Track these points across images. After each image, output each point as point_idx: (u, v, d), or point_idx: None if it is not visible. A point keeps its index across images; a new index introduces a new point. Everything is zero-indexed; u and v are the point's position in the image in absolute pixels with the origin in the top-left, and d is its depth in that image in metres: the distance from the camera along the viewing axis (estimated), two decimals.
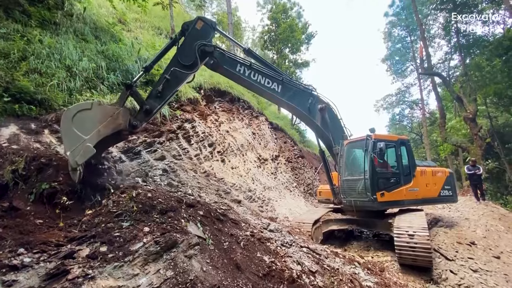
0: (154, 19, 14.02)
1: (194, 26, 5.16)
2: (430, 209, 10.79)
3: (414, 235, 5.77)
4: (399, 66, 39.25)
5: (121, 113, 4.35)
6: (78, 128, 3.86)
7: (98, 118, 4.09)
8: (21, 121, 4.67)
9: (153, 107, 4.80)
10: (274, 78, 6.44)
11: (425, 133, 32.43)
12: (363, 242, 8.00)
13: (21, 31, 5.91)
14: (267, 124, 15.32)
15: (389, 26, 37.71)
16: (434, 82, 24.78)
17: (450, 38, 24.90)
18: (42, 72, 5.52)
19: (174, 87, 5.03)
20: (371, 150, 6.89)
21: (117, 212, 3.70)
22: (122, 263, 2.87)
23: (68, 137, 3.82)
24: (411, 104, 40.54)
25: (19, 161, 3.73)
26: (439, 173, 8.39)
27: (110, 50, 7.47)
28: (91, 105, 4.00)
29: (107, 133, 4.23)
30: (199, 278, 3.18)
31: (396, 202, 7.28)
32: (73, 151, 3.80)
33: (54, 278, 2.49)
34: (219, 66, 5.69)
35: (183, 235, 3.60)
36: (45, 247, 2.77)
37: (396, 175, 7.42)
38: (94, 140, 4.04)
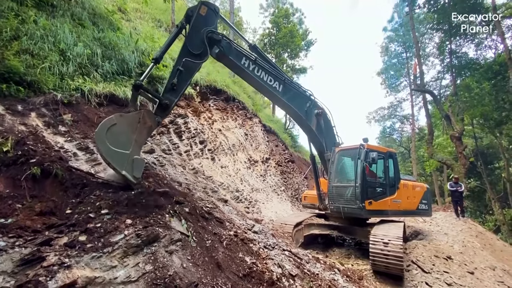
0: (155, 11, 13.89)
1: (199, 12, 5.10)
2: (412, 222, 11.06)
3: (389, 243, 5.92)
4: (393, 80, 40.15)
5: (146, 116, 4.31)
6: (116, 145, 3.81)
7: (128, 128, 4.04)
8: (7, 102, 4.52)
9: (171, 101, 4.75)
10: (277, 77, 6.51)
11: (413, 148, 33.21)
12: (345, 250, 8.11)
13: (16, 10, 5.75)
14: (260, 126, 15.36)
15: (386, 41, 38.59)
16: (425, 99, 25.45)
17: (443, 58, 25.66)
18: (34, 53, 5.38)
19: (188, 78, 5.02)
20: (364, 159, 7.03)
21: (99, 202, 3.65)
22: (101, 254, 2.83)
23: (114, 159, 3.78)
24: (402, 118, 41.51)
25: (4, 143, 3.61)
26: (418, 187, 8.74)
27: (107, 38, 7.34)
28: (114, 120, 3.87)
29: (144, 139, 4.33)
30: (178, 274, 3.16)
31: (381, 212, 7.47)
32: (127, 169, 3.86)
33: (29, 264, 2.43)
34: (225, 56, 5.64)
35: (165, 230, 3.58)
36: (22, 232, 2.70)
37: (383, 186, 7.62)
38: (138, 150, 4.15)
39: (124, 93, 6.61)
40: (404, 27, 33.79)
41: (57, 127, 4.92)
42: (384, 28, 38.24)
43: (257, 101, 20.40)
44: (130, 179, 3.93)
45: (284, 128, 24.22)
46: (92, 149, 5.18)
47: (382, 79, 41.03)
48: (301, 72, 28.90)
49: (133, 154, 4.01)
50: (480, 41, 23.61)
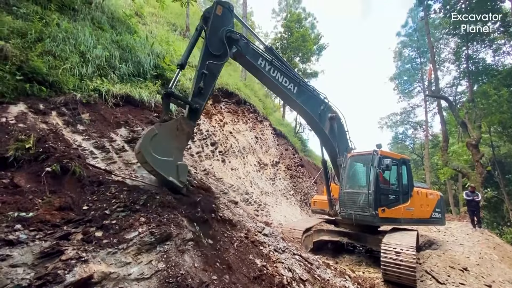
0: (170, 15, 14.21)
1: (215, 13, 5.14)
2: (425, 231, 10.75)
3: (401, 252, 5.76)
4: (406, 86, 39.43)
5: (183, 122, 4.44)
6: (160, 154, 3.99)
7: (168, 137, 4.20)
8: (30, 101, 4.72)
9: (200, 104, 4.82)
10: (292, 79, 6.53)
11: (427, 155, 32.38)
12: (355, 257, 7.95)
13: (40, 13, 6.01)
14: (271, 130, 15.36)
15: (400, 46, 38.03)
16: (440, 105, 24.85)
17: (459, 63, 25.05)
18: (56, 55, 5.59)
19: (213, 80, 5.09)
20: (377, 166, 6.91)
21: (115, 200, 3.73)
22: (116, 250, 2.88)
23: (161, 167, 3.99)
24: (415, 124, 40.60)
25: (27, 140, 3.76)
26: (431, 195, 8.51)
27: (124, 41, 7.56)
28: (155, 130, 4.04)
29: (184, 145, 4.51)
30: (190, 274, 3.18)
31: (394, 220, 7.30)
32: (173, 175, 4.10)
33: (48, 257, 2.51)
34: (242, 56, 5.68)
35: (178, 229, 3.62)
36: (42, 226, 2.79)
37: (396, 193, 7.46)
38: (181, 156, 4.36)
39: (139, 94, 6.77)
40: (418, 32, 33.27)
41: (75, 126, 5.08)
42: (397, 33, 37.74)
43: (268, 104, 20.45)
44: (177, 184, 4.15)
45: (294, 132, 24.13)
46: (108, 148, 5.33)
47: (395, 84, 40.39)
48: (312, 76, 28.80)
49: (177, 160, 4.21)
50: (498, 47, 22.95)
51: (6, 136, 3.83)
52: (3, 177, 3.40)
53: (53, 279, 2.34)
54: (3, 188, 3.30)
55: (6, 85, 4.39)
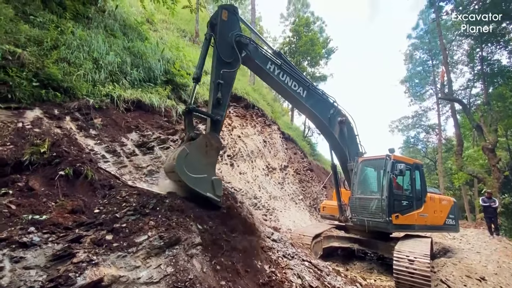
0: (180, 22, 14.48)
1: (221, 18, 5.11)
2: (440, 238, 10.40)
3: (415, 261, 5.57)
4: (418, 89, 38.67)
5: (210, 138, 4.53)
6: (195, 172, 4.13)
7: (199, 154, 4.30)
8: (45, 106, 4.87)
9: (221, 116, 4.82)
10: (301, 83, 6.50)
11: (440, 159, 31.51)
12: (367, 264, 7.76)
13: (56, 22, 6.23)
14: (279, 134, 15.31)
15: (411, 48, 37.44)
16: (453, 108, 24.20)
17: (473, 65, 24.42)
18: (70, 61, 5.77)
19: (229, 89, 5.08)
20: (390, 171, 6.75)
21: (126, 204, 3.78)
22: (126, 254, 2.90)
23: (198, 185, 4.13)
24: (427, 128, 39.66)
25: (41, 144, 3.86)
26: (444, 201, 8.25)
27: (136, 47, 7.74)
28: (186, 150, 4.15)
29: (215, 160, 4.60)
30: (198, 279, 3.17)
31: (408, 226, 7.10)
32: (209, 190, 4.24)
33: (60, 259, 2.55)
34: (251, 60, 5.65)
35: (187, 233, 3.62)
36: (55, 228, 2.84)
37: (410, 199, 7.27)
38: (213, 171, 4.47)
39: (150, 99, 6.89)
40: (430, 34, 32.68)
41: (88, 130, 5.20)
42: (408, 35, 37.20)
43: (276, 108, 20.43)
44: (214, 198, 4.28)
45: (303, 136, 23.97)
46: (119, 152, 5.42)
47: (406, 87, 39.68)
48: (321, 80, 28.65)
49: (210, 176, 4.33)
50: None
51: (22, 141, 3.96)
52: (18, 181, 3.50)
53: (64, 282, 2.37)
54: (18, 191, 3.40)
55: (23, 91, 4.55)
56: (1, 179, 3.43)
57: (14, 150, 3.74)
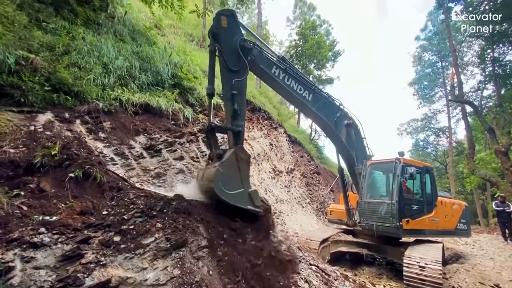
0: (187, 27, 14.69)
1: (221, 26, 5.04)
2: (452, 243, 10.13)
3: (426, 267, 5.42)
4: (427, 91, 38.06)
5: (238, 152, 4.59)
6: (231, 189, 4.27)
7: (233, 170, 4.41)
8: (56, 110, 4.99)
9: (241, 126, 4.85)
10: (306, 86, 6.45)
11: (451, 163, 30.83)
12: (375, 269, 7.60)
13: (68, 28, 6.40)
14: (285, 137, 15.27)
15: (419, 50, 36.96)
16: (464, 110, 23.71)
17: (484, 66, 23.92)
18: (81, 66, 5.90)
19: (243, 97, 5.09)
20: (400, 174, 6.63)
21: (133, 206, 3.81)
22: (133, 255, 2.93)
23: (237, 201, 4.32)
24: (437, 131, 38.90)
25: (53, 147, 3.95)
26: (455, 205, 8.05)
27: (144, 52, 7.87)
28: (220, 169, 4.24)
29: (248, 172, 4.69)
30: (204, 281, 3.16)
31: (419, 231, 6.95)
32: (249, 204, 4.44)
33: (69, 260, 2.58)
34: (256, 64, 5.61)
35: (193, 235, 3.62)
36: (64, 229, 2.89)
37: (420, 203, 7.11)
38: (248, 183, 4.60)
39: (158, 103, 6.97)
40: (439, 35, 32.23)
41: (97, 133, 5.30)
42: (416, 37, 36.77)
43: (282, 111, 20.42)
44: (254, 210, 4.46)
45: (310, 139, 23.85)
46: (127, 154, 5.49)
47: (415, 89, 39.12)
48: (327, 82, 28.55)
49: (247, 188, 4.48)
50: None
51: (34, 143, 4.06)
52: (30, 182, 3.58)
53: (73, 282, 2.40)
54: (30, 193, 3.48)
55: (35, 95, 4.67)
56: (14, 181, 3.52)
57: (26, 152, 3.84)
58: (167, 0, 8.45)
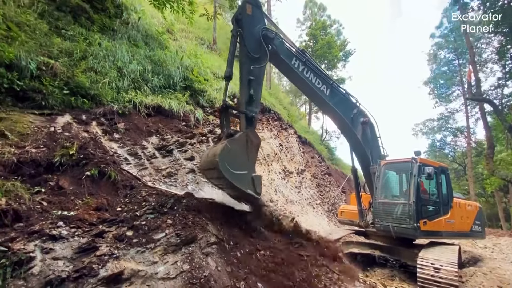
0: (198, 31, 14.98)
1: (246, 13, 5.07)
2: (469, 246, 9.76)
3: (441, 269, 5.27)
4: (443, 90, 36.78)
5: (250, 135, 4.51)
6: (235, 168, 4.08)
7: (239, 150, 4.27)
8: (74, 112, 5.25)
9: (255, 112, 4.77)
10: (325, 81, 6.40)
11: (470, 164, 29.61)
12: (388, 270, 7.44)
13: (85, 35, 6.72)
14: (296, 137, 15.22)
15: (435, 48, 35.85)
16: (483, 109, 22.77)
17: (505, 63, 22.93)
18: (97, 70, 6.19)
19: (260, 84, 5.05)
20: (417, 174, 6.49)
21: (145, 203, 3.96)
22: (144, 249, 3.05)
23: (238, 181, 4.10)
24: (455, 131, 37.47)
25: (71, 147, 4.17)
26: (469, 206, 7.77)
27: (156, 56, 8.13)
28: (228, 145, 4.13)
29: (255, 156, 4.62)
30: (213, 276, 3.24)
31: (436, 233, 6.76)
32: (250, 187, 4.22)
33: (85, 252, 2.73)
34: (276, 54, 5.58)
35: (202, 232, 3.72)
36: (81, 223, 3.05)
37: (437, 204, 6.92)
38: (254, 168, 4.45)
39: (170, 104, 7.17)
40: (455, 32, 31.19)
41: (112, 134, 5.52)
42: (431, 34, 35.70)
43: (293, 112, 20.38)
44: (254, 195, 4.26)
45: (321, 140, 23.64)
46: (140, 154, 5.68)
47: (430, 88, 37.90)
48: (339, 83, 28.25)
49: (251, 172, 4.32)
50: None
51: (53, 144, 4.29)
52: (50, 180, 3.79)
53: (88, 273, 2.54)
54: (49, 190, 3.69)
55: (55, 98, 4.94)
56: (35, 178, 3.74)
57: (46, 152, 4.07)
58: (178, 5, 8.68)
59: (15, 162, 3.67)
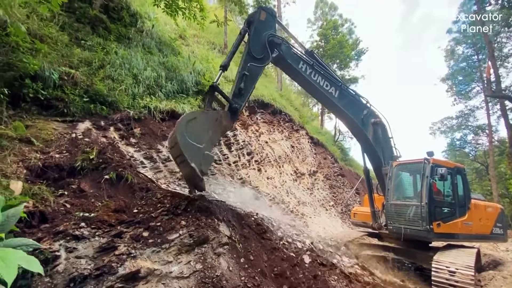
0: (209, 35, 15.27)
1: (259, 18, 5.30)
2: (490, 249, 9.39)
3: (456, 272, 5.13)
4: (462, 86, 35.41)
5: (223, 116, 4.60)
6: (192, 138, 3.95)
7: (206, 125, 4.24)
8: (93, 118, 5.54)
9: (239, 105, 4.92)
10: (333, 83, 6.42)
11: (492, 163, 28.32)
12: (402, 273, 7.30)
13: (102, 44, 7.06)
14: (307, 138, 15.17)
15: (452, 44, 34.63)
16: (504, 106, 21.77)
17: None
18: (114, 78, 6.49)
19: (253, 82, 5.21)
20: (430, 175, 6.37)
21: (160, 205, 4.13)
22: (159, 249, 3.21)
23: (188, 150, 3.89)
24: (475, 129, 35.94)
25: (91, 152, 4.42)
26: (489, 208, 7.47)
27: (169, 62, 8.40)
28: (196, 115, 4.15)
29: (218, 138, 4.60)
30: (224, 276, 3.36)
31: (451, 235, 6.58)
32: (197, 164, 3.96)
33: (105, 251, 2.92)
34: (283, 59, 5.74)
35: (214, 233, 3.85)
36: (101, 224, 3.25)
37: (452, 206, 6.74)
38: (210, 147, 4.34)
39: (183, 109, 7.39)
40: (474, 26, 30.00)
41: (129, 139, 5.78)
42: (448, 30, 34.52)
43: (305, 113, 20.28)
44: (197, 173, 3.97)
45: (334, 140, 23.37)
46: (156, 158, 5.90)
47: (448, 85, 36.58)
48: (351, 82, 27.79)
49: (205, 149, 4.12)
50: None
51: (75, 149, 4.56)
52: (72, 183, 4.05)
53: (108, 271, 2.72)
54: (72, 193, 3.93)
55: (76, 106, 5.24)
56: (59, 182, 4.00)
57: (69, 157, 4.34)
58: (189, 12, 8.93)
59: (41, 167, 3.94)
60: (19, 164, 3.77)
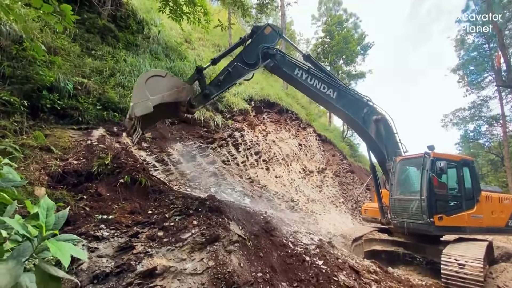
0: (214, 37, 15.48)
1: (263, 31, 5.61)
2: (504, 242, 9.24)
3: (465, 265, 5.14)
4: (474, 76, 34.46)
5: (186, 88, 4.91)
6: (148, 88, 4.35)
7: (167, 86, 4.62)
8: (107, 125, 5.81)
9: (212, 93, 5.20)
10: (330, 85, 6.54)
11: (507, 154, 27.51)
12: (413, 267, 7.32)
13: (112, 53, 7.34)
14: (315, 136, 15.20)
15: (462, 33, 33.73)
16: None
17: None
18: (124, 85, 6.75)
19: (233, 79, 5.46)
20: (430, 169, 6.38)
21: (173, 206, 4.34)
22: (174, 248, 3.40)
23: (137, 92, 4.31)
24: (489, 120, 34.95)
25: (105, 157, 4.67)
26: (506, 200, 7.32)
27: (176, 67, 8.64)
28: (166, 74, 4.56)
29: (168, 100, 4.74)
30: (236, 272, 3.52)
31: (457, 228, 6.56)
32: (136, 104, 4.25)
33: (123, 250, 3.12)
34: (278, 68, 5.99)
35: (225, 231, 4.02)
36: (119, 226, 3.46)
37: (458, 199, 6.71)
38: (156, 102, 4.48)
39: None
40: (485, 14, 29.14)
41: (140, 143, 6.02)
42: (457, 19, 33.68)
43: (312, 110, 20.26)
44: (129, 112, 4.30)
45: (342, 137, 23.25)
46: (167, 161, 6.13)
47: (460, 76, 35.65)
48: (358, 77, 27.58)
49: (150, 101, 4.38)
50: None
51: (91, 155, 4.82)
52: (90, 188, 4.29)
53: (127, 268, 2.92)
54: (90, 196, 4.17)
55: (90, 114, 5.51)
56: (78, 187, 4.25)
57: (85, 163, 4.59)
58: (194, 17, 9.12)
59: (61, 173, 4.20)
60: (41, 171, 4.04)
